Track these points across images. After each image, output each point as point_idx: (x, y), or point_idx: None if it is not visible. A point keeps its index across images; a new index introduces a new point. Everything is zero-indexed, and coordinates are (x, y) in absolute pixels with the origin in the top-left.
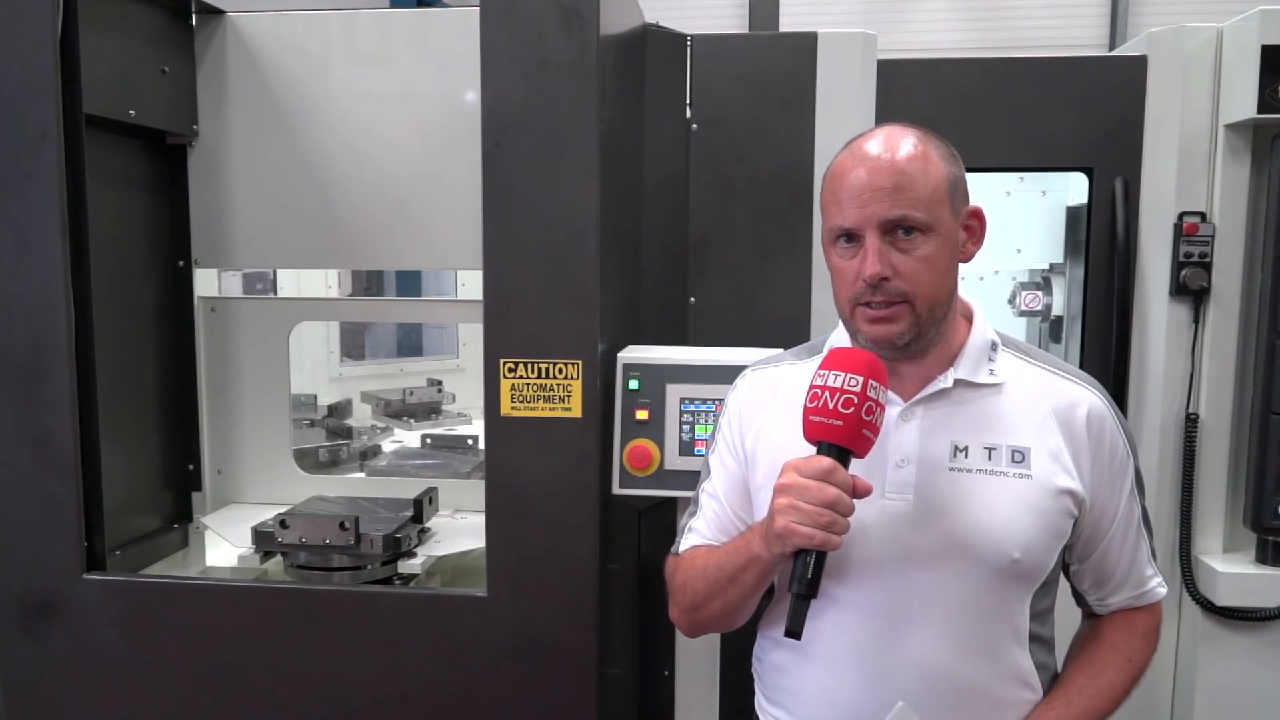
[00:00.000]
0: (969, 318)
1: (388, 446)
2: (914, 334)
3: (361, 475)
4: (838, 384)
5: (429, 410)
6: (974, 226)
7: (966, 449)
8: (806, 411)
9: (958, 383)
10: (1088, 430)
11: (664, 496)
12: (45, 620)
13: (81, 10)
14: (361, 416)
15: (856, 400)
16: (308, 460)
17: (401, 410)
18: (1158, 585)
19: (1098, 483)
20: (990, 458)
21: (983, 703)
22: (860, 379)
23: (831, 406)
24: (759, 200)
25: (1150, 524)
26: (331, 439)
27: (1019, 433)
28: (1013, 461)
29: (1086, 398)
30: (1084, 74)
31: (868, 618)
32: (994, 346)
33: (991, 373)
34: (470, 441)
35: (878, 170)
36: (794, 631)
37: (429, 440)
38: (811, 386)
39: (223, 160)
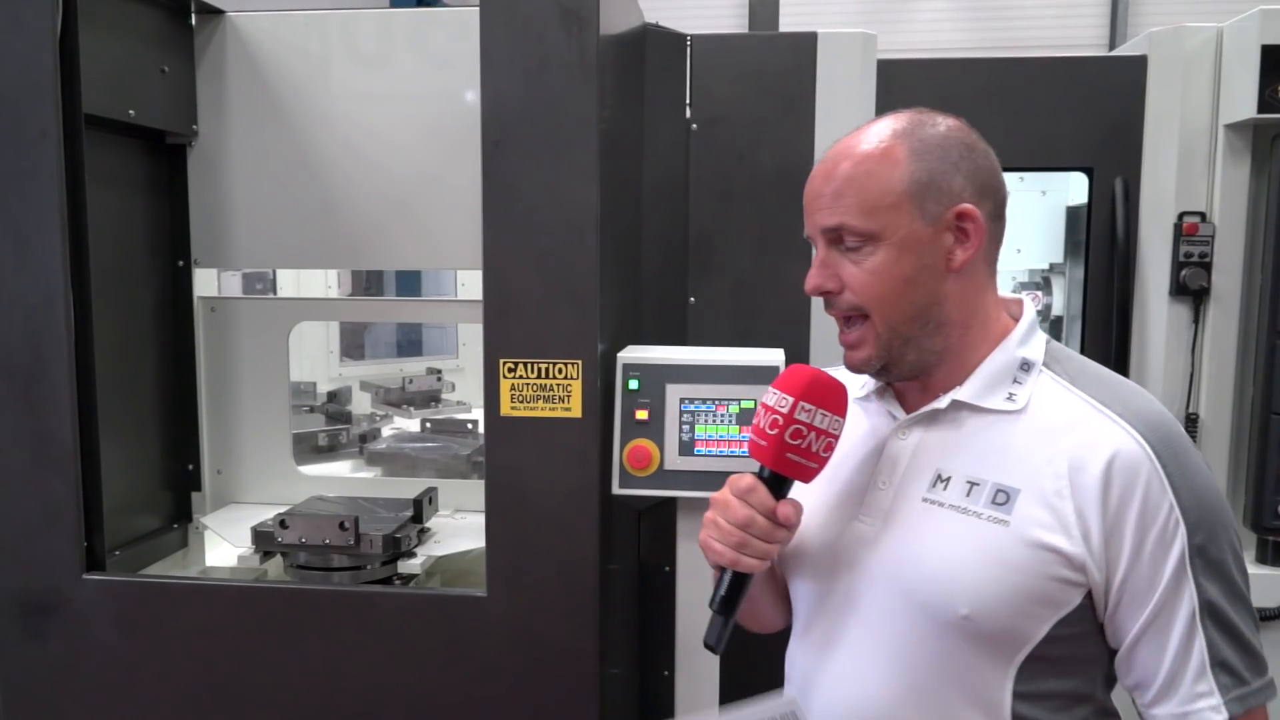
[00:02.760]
0: (1007, 332)
1: (387, 433)
2: (884, 358)
3: (364, 476)
4: (771, 402)
5: (428, 399)
6: (965, 229)
7: (948, 480)
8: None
9: (957, 404)
10: (1102, 480)
11: (664, 496)
12: (45, 620)
13: (81, 10)
14: (361, 407)
15: (782, 422)
16: (306, 445)
17: (401, 399)
18: (1209, 710)
19: (1116, 549)
20: (969, 494)
21: None
22: (790, 399)
23: (762, 426)
24: (759, 200)
25: (1230, 625)
26: (331, 424)
27: (1013, 471)
28: (993, 503)
29: (1118, 441)
30: (1084, 74)
31: (811, 638)
32: (1026, 366)
33: (1010, 397)
34: (470, 425)
35: (823, 174)
36: (709, 645)
37: (429, 425)
38: (760, 400)
39: (222, 160)
